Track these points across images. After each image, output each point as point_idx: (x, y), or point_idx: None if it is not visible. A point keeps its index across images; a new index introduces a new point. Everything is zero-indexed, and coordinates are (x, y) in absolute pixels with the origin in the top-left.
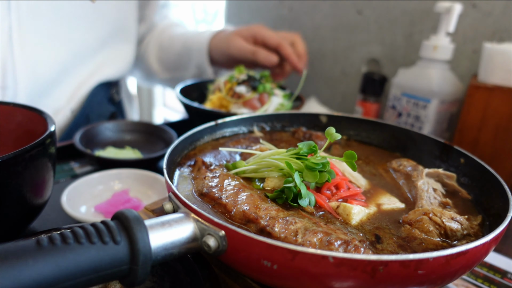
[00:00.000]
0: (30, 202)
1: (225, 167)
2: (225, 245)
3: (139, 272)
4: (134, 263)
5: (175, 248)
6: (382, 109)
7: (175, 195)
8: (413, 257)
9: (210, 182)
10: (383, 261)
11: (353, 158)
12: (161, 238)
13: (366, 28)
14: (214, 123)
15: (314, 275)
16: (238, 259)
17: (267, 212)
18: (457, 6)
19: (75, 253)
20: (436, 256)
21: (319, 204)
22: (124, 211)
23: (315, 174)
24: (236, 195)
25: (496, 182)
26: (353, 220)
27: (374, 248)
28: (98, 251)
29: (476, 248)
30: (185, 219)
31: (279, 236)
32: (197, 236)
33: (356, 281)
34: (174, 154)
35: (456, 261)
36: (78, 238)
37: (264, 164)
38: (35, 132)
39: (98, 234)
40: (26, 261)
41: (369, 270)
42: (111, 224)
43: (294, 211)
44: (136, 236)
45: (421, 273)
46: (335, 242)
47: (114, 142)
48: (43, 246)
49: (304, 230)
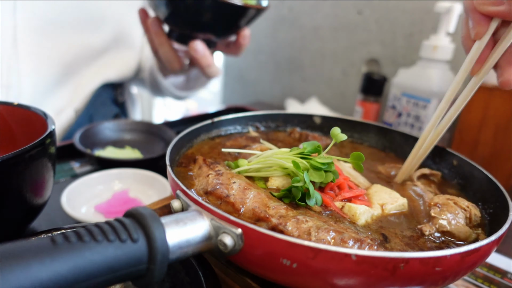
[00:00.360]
0: (30, 202)
1: (227, 165)
2: (241, 244)
3: (156, 272)
4: (152, 262)
5: (190, 247)
6: (382, 109)
7: (184, 193)
8: (433, 254)
9: (214, 180)
10: (404, 259)
11: (360, 159)
12: (176, 236)
13: (366, 28)
14: (211, 121)
15: (335, 273)
16: (254, 258)
17: (277, 210)
18: (457, 6)
19: (92, 251)
20: (453, 253)
21: (326, 203)
22: (138, 208)
23: (321, 173)
24: (244, 194)
25: (488, 179)
26: (359, 220)
27: (384, 248)
28: (116, 250)
29: (487, 245)
30: (199, 216)
31: (292, 234)
32: (212, 235)
33: (376, 279)
34: (173, 153)
35: (470, 258)
36: (95, 236)
37: (268, 163)
38: (35, 132)
39: (114, 231)
40: (42, 259)
41: (390, 267)
42: (127, 222)
43: (302, 210)
44: (154, 234)
45: (438, 270)
46: (348, 241)
47: (114, 142)
48: (58, 243)
49: (317, 229)
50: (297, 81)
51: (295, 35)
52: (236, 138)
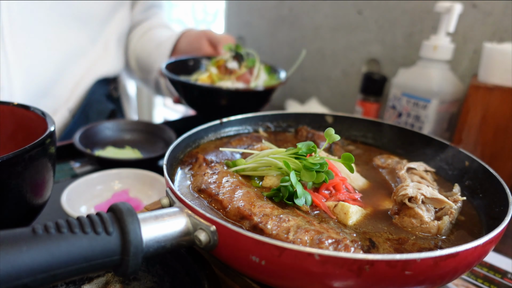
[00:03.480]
0: (30, 202)
1: (225, 165)
2: (216, 240)
3: (130, 263)
4: (125, 254)
5: (168, 241)
6: (382, 109)
7: (171, 190)
8: (400, 257)
9: (209, 178)
10: (369, 260)
11: (350, 160)
12: (153, 231)
13: (366, 28)
14: (219, 121)
15: (301, 272)
16: (228, 254)
17: (262, 209)
18: (457, 6)
19: (67, 242)
20: (424, 257)
21: (315, 203)
22: (118, 204)
23: (312, 174)
24: (233, 192)
25: (498, 184)
26: (350, 219)
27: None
28: (90, 241)
29: (467, 250)
30: (178, 213)
31: (271, 233)
32: (190, 231)
33: (342, 280)
34: (177, 151)
35: (445, 263)
36: (72, 228)
37: (263, 162)
38: (35, 132)
39: (92, 224)
40: (20, 247)
41: (355, 268)
42: (105, 216)
43: (289, 209)
44: (128, 228)
45: (408, 273)
46: (325, 241)
47: (114, 142)
48: (38, 234)
49: (296, 228)
50: (297, 81)
51: (295, 35)
52: (241, 138)
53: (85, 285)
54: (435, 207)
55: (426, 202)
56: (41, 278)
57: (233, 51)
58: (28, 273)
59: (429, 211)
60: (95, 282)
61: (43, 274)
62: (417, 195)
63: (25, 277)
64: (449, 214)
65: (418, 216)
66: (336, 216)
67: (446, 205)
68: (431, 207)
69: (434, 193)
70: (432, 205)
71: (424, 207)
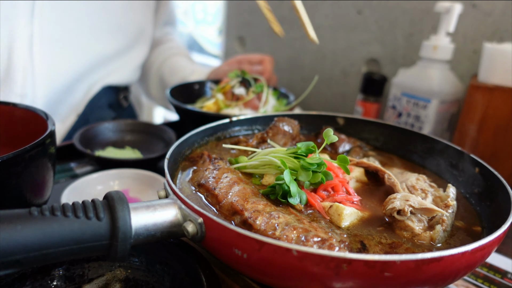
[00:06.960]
0: (30, 202)
1: (228, 162)
2: (204, 232)
3: (118, 248)
4: (114, 239)
5: (158, 230)
6: (382, 109)
7: (167, 182)
8: (378, 258)
9: (209, 174)
10: (346, 259)
11: (345, 162)
12: (143, 219)
13: (366, 28)
14: (229, 120)
15: (280, 267)
16: (215, 246)
17: (255, 205)
18: (457, 6)
19: (60, 224)
20: (403, 259)
21: (310, 203)
22: (112, 192)
23: (308, 173)
24: (230, 188)
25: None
26: (343, 221)
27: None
28: (81, 225)
29: (453, 256)
30: (170, 204)
31: (259, 228)
32: (179, 222)
33: (320, 277)
34: (183, 147)
35: (429, 267)
36: (66, 212)
37: (264, 161)
38: (35, 132)
39: (84, 209)
40: (15, 225)
41: (332, 266)
42: (98, 203)
43: (283, 207)
44: (118, 215)
45: (388, 275)
46: (311, 239)
47: (114, 142)
48: (33, 215)
49: (284, 225)
50: (297, 81)
51: (295, 35)
52: (248, 138)
53: (85, 285)
54: (427, 216)
55: (416, 213)
56: (33, 256)
57: (240, 76)
58: (21, 250)
59: (420, 221)
60: (95, 282)
61: (35, 253)
62: (405, 208)
63: (18, 254)
64: (441, 222)
65: (409, 229)
66: (330, 217)
67: (437, 214)
68: (423, 217)
69: (422, 202)
70: (424, 215)
71: (415, 217)
